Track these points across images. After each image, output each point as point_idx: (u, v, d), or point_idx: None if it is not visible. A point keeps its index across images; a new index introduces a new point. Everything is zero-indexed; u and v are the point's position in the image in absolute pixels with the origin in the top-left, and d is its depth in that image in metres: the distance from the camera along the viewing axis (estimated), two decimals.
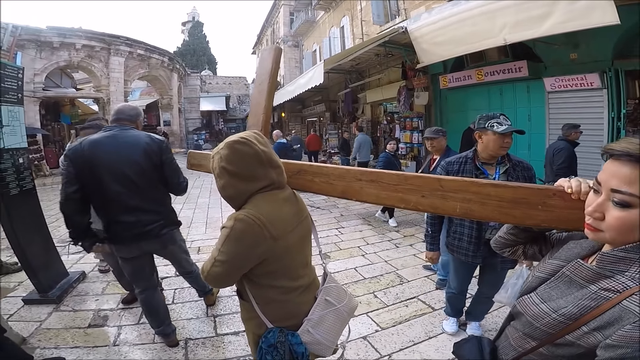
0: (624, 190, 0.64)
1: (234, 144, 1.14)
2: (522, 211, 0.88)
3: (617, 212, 0.65)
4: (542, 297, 0.80)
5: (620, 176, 0.65)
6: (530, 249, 0.99)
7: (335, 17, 13.75)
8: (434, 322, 2.64)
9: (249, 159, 1.14)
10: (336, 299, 1.38)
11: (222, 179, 1.16)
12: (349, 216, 5.85)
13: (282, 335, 1.22)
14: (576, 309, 0.71)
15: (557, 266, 0.82)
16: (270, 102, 1.52)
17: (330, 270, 3.63)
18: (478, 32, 4.54)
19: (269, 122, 1.56)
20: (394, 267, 3.70)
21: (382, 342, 2.40)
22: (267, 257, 1.16)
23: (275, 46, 1.57)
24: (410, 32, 5.63)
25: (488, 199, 0.92)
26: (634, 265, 0.67)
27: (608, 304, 0.66)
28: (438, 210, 1.01)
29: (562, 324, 0.72)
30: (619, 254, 0.69)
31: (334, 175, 1.20)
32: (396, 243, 4.48)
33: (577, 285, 0.75)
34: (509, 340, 0.88)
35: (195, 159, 1.77)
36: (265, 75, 1.51)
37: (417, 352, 2.30)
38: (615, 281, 0.68)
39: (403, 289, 3.20)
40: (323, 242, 4.57)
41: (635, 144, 0.63)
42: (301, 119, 18.17)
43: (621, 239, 0.68)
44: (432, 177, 1.02)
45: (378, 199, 1.12)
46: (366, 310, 2.82)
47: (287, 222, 1.22)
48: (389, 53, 8.10)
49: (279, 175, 1.22)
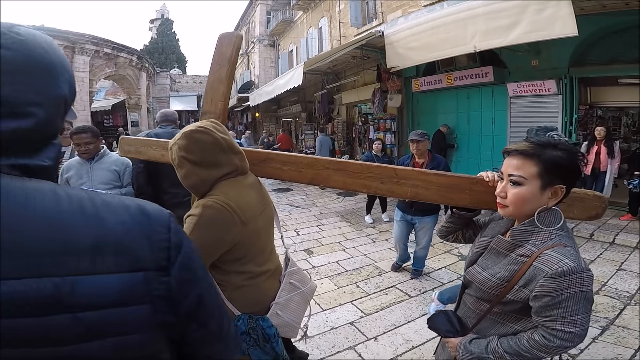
0: (515, 174, 0.92)
1: (192, 133, 1.14)
2: (455, 194, 1.15)
3: (513, 189, 0.92)
4: (482, 266, 1.03)
5: (512, 165, 0.93)
6: (467, 233, 1.23)
7: (313, 18, 13.86)
8: (411, 308, 2.85)
9: (209, 146, 1.15)
10: (300, 282, 1.43)
11: (183, 169, 1.16)
12: (327, 214, 6.00)
13: (252, 321, 1.23)
14: (506, 272, 0.95)
15: (487, 242, 1.07)
16: (229, 90, 1.51)
17: (315, 264, 3.76)
18: (450, 39, 4.82)
19: (227, 110, 1.55)
20: (372, 260, 3.90)
21: (367, 327, 2.57)
22: (237, 241, 1.17)
23: (236, 33, 1.55)
24: (387, 37, 5.86)
25: (431, 185, 1.19)
26: (534, 235, 0.93)
27: (525, 265, 0.90)
28: (394, 194, 1.26)
29: (500, 285, 0.95)
30: (522, 228, 0.95)
31: (303, 164, 1.34)
32: (373, 238, 4.70)
33: (502, 254, 0.99)
34: (467, 305, 1.10)
35: (130, 144, 1.68)
36: (225, 62, 1.48)
37: (399, 335, 2.48)
38: (525, 248, 0.93)
39: (382, 279, 3.40)
40: (305, 238, 4.70)
41: (521, 144, 0.93)
42: (276, 119, 18.12)
43: (519, 211, 0.94)
44: (389, 167, 1.25)
45: (344, 184, 1.30)
46: (350, 299, 2.99)
47: (254, 207, 1.24)
48: (365, 56, 8.33)
49: (242, 161, 1.25)
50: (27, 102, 0.45)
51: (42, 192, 0.43)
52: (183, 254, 0.47)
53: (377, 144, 5.16)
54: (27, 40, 0.47)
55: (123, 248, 0.43)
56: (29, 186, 0.43)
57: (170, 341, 0.47)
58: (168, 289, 0.45)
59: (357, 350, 2.32)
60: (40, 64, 0.48)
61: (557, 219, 0.92)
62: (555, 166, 0.88)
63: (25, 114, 0.45)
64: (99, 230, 0.42)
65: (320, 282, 3.32)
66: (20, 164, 0.45)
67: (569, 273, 0.82)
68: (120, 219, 0.44)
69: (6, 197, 0.40)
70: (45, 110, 0.48)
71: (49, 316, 0.37)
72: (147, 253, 0.44)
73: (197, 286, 0.49)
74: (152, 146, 1.63)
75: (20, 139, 0.45)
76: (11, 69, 0.44)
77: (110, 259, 0.41)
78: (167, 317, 0.45)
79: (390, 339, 2.43)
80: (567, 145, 0.92)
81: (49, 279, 0.38)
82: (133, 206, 0.47)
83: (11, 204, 0.40)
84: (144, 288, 0.43)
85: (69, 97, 0.53)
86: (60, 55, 0.52)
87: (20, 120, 0.45)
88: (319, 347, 2.35)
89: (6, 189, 0.40)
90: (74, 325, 0.38)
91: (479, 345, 0.98)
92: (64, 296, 0.38)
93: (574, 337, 0.84)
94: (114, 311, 0.41)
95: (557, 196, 0.91)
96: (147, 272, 0.43)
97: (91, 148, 2.43)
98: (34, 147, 0.47)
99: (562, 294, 0.82)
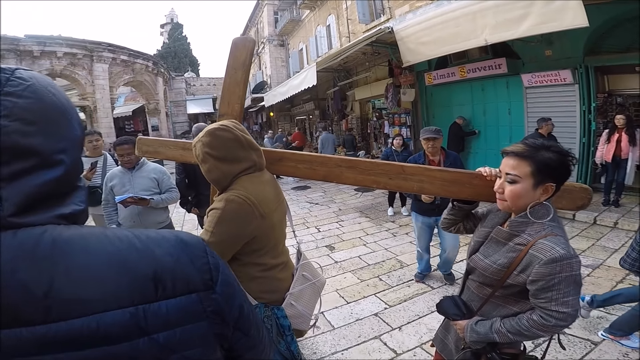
0: (511, 173, 1.05)
1: (215, 131, 1.24)
2: (457, 188, 1.28)
3: (509, 186, 1.06)
4: (484, 254, 1.16)
5: (509, 165, 1.07)
6: (467, 224, 1.36)
7: (320, 16, 13.92)
8: (434, 299, 2.97)
9: (230, 143, 1.24)
10: (311, 275, 1.53)
11: (207, 164, 1.25)
12: (347, 210, 6.16)
13: (268, 309, 1.30)
14: (505, 259, 1.08)
15: (487, 232, 1.20)
16: (244, 92, 1.58)
17: (337, 259, 3.93)
18: (461, 33, 4.84)
19: (243, 111, 1.62)
20: (393, 254, 4.03)
21: (391, 317, 2.73)
22: (256, 234, 1.25)
23: (249, 37, 1.62)
24: (397, 33, 5.89)
25: (435, 180, 1.31)
26: (529, 226, 1.06)
27: (522, 253, 1.04)
28: (401, 188, 1.40)
29: (501, 271, 1.09)
30: (519, 219, 1.08)
31: (317, 162, 1.45)
32: (393, 232, 4.82)
33: (502, 243, 1.12)
34: (471, 290, 1.25)
35: (148, 145, 1.71)
36: (239, 66, 1.54)
37: (422, 324, 2.62)
38: (521, 238, 1.06)
39: (404, 272, 3.53)
40: (326, 235, 4.87)
41: (517, 146, 1.06)
42: (290, 117, 18.34)
43: (516, 205, 1.07)
44: (397, 164, 1.39)
45: (355, 181, 1.43)
46: (374, 292, 3.15)
47: (271, 202, 1.32)
48: (376, 52, 8.38)
49: (259, 157, 1.33)
50: (56, 151, 0.46)
51: (96, 235, 0.47)
52: (222, 272, 0.54)
53: (398, 139, 5.24)
54: (34, 84, 0.46)
55: (176, 275, 0.48)
56: (83, 232, 0.46)
57: (223, 349, 0.55)
58: (217, 304, 0.51)
59: (382, 339, 2.48)
60: (55, 109, 0.48)
61: (548, 212, 1.05)
62: (546, 167, 1.01)
63: (55, 162, 0.46)
64: (153, 263, 0.47)
65: (344, 276, 3.49)
66: (64, 213, 0.47)
67: (560, 259, 0.95)
68: (166, 251, 0.49)
69: (70, 246, 0.44)
70: (70, 155, 0.49)
71: (132, 341, 0.43)
72: (195, 276, 0.50)
73: (237, 297, 0.56)
74: (170, 146, 1.67)
75: (54, 190, 0.46)
76: (33, 117, 0.44)
77: (169, 285, 0.47)
78: (220, 328, 0.52)
79: (415, 328, 2.58)
80: (558, 148, 1.04)
81: (126, 309, 0.43)
82: (172, 238, 0.51)
83: (76, 251, 0.44)
84: (200, 307, 0.49)
85: (81, 136, 0.53)
86: (65, 95, 0.52)
87: (54, 170, 0.46)
88: (345, 337, 2.52)
89: (66, 239, 0.44)
90: (152, 346, 0.45)
91: (484, 326, 1.11)
92: (140, 322, 0.44)
93: (567, 316, 0.97)
94: (180, 330, 0.47)
95: (548, 193, 1.04)
96: (199, 293, 0.49)
97: (132, 158, 2.63)
98: (66, 194, 0.49)
99: (555, 277, 0.96)
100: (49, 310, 0.40)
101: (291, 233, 1.70)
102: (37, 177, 0.44)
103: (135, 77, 17.56)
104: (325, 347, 2.43)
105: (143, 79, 18.37)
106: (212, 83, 28.48)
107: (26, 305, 0.39)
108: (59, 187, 0.47)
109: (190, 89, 26.86)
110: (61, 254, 0.42)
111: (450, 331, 1.35)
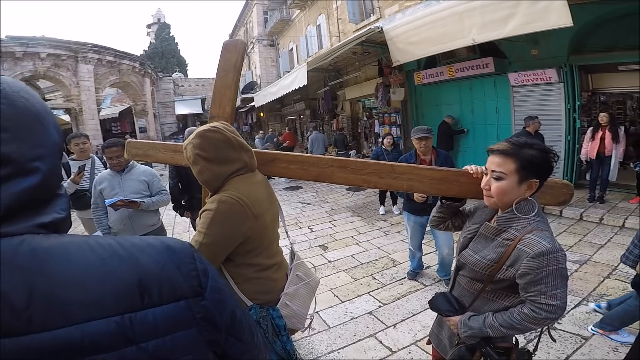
0: (497, 170, 1.08)
1: (205, 133, 1.23)
2: (445, 186, 1.31)
3: (495, 183, 1.09)
4: (473, 250, 1.19)
5: (494, 162, 1.10)
6: (456, 221, 1.39)
7: (311, 16, 13.91)
8: (427, 296, 3.00)
9: (221, 144, 1.23)
10: (305, 275, 1.53)
11: (198, 165, 1.24)
12: (339, 210, 6.18)
13: (263, 310, 1.29)
14: (494, 254, 1.11)
15: (475, 228, 1.23)
16: (235, 94, 1.57)
17: (330, 258, 3.94)
18: (449, 33, 4.90)
19: (234, 113, 1.61)
20: (386, 252, 4.07)
21: (386, 315, 2.75)
22: (249, 235, 1.25)
23: (240, 40, 1.61)
24: (386, 32, 5.93)
25: (424, 178, 1.34)
26: (515, 222, 1.09)
27: (510, 248, 1.07)
28: (391, 187, 1.42)
29: (490, 266, 1.11)
30: (506, 215, 1.12)
31: (308, 162, 1.46)
32: (385, 231, 4.86)
33: (490, 239, 1.15)
34: (462, 285, 1.27)
35: (138, 148, 1.69)
36: (230, 68, 1.54)
37: (416, 322, 2.65)
38: (509, 233, 1.10)
39: (397, 270, 3.56)
40: (319, 234, 4.88)
41: (502, 145, 1.09)
42: (281, 117, 18.28)
43: (502, 201, 1.10)
44: (387, 164, 1.41)
45: (347, 181, 1.45)
46: (367, 290, 3.16)
47: (263, 202, 1.32)
48: (366, 51, 8.43)
49: (251, 158, 1.33)
50: (31, 157, 0.45)
51: (78, 244, 0.45)
52: (211, 278, 0.52)
53: (388, 139, 5.30)
54: (4, 89, 0.44)
55: (163, 282, 0.47)
56: (64, 241, 0.45)
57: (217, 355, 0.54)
58: (207, 310, 0.50)
59: (377, 337, 2.49)
60: (28, 114, 0.46)
61: (533, 207, 1.09)
62: (530, 164, 1.04)
63: (31, 170, 0.44)
64: (137, 270, 0.46)
65: (337, 276, 3.50)
66: (44, 222, 0.46)
67: (547, 253, 0.99)
68: (152, 258, 0.48)
69: (50, 255, 0.42)
70: (48, 162, 0.47)
71: (120, 350, 0.43)
72: (182, 283, 0.48)
73: (228, 303, 0.55)
74: (160, 149, 1.66)
75: (31, 198, 0.44)
76: (5, 124, 0.42)
77: (155, 293, 0.46)
78: (212, 335, 0.51)
79: (409, 326, 2.60)
80: (541, 146, 1.08)
81: (111, 319, 0.42)
82: (158, 244, 0.50)
83: (56, 260, 0.42)
84: (189, 313, 0.48)
85: (60, 142, 0.51)
86: (40, 99, 0.49)
87: (30, 178, 0.44)
88: (341, 336, 2.53)
89: (45, 248, 0.42)
90: (141, 354, 0.43)
91: (477, 321, 1.13)
92: (126, 331, 0.43)
93: (557, 309, 1.00)
94: (169, 337, 0.46)
95: (532, 189, 1.08)
96: (187, 300, 0.48)
97: (122, 160, 2.58)
98: (45, 202, 0.47)
99: (543, 271, 0.99)
100: (31, 320, 0.39)
101: (284, 233, 1.70)
102: (12, 185, 0.42)
103: (121, 78, 17.30)
104: (322, 346, 2.43)
105: (130, 80, 18.10)
106: (200, 83, 28.21)
107: (7, 316, 0.38)
108: (36, 195, 0.45)
109: (178, 90, 26.56)
110: (41, 264, 0.41)
111: (443, 327, 1.37)
